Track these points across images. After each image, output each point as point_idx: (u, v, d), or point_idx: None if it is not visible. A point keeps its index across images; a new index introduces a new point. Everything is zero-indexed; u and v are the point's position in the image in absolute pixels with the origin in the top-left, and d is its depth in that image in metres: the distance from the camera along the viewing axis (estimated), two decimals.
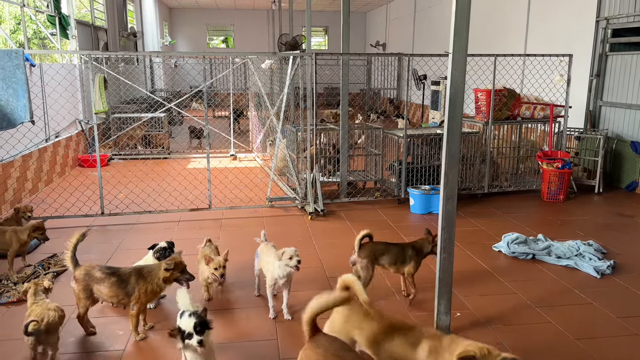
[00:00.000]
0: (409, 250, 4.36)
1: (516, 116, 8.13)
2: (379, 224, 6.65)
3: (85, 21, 12.40)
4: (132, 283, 3.74)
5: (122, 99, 12.64)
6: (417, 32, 17.75)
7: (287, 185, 8.22)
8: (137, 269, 3.84)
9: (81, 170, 9.69)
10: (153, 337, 3.95)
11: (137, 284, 3.73)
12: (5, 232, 5.02)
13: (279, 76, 10.07)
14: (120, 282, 3.75)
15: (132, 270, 3.83)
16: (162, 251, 4.34)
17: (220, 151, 11.37)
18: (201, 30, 25.00)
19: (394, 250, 4.36)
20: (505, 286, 4.81)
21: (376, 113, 17.10)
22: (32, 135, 7.52)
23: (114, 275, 3.77)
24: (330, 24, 25.11)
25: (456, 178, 3.72)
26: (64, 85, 8.34)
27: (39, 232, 5.03)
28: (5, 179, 7.03)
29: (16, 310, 4.33)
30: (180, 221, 6.67)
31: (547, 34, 10.19)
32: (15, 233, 5.00)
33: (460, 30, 3.50)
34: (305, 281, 4.80)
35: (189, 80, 17.82)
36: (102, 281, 3.76)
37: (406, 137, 7.41)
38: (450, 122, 3.62)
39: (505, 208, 7.32)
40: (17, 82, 5.96)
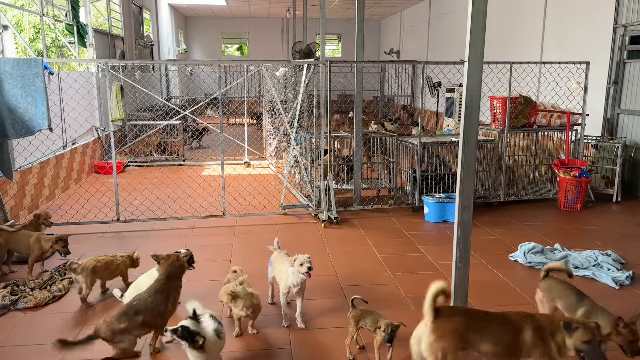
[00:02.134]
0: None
1: (532, 124, 8.06)
2: (393, 232, 6.61)
3: (103, 30, 12.58)
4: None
5: (138, 107, 12.77)
6: (431, 40, 17.72)
7: (300, 192, 8.22)
8: None
9: (97, 177, 9.80)
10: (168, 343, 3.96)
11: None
12: (31, 237, 5.09)
13: (293, 84, 10.11)
14: None
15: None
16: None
17: (234, 158, 11.42)
18: (216, 38, 25.23)
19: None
20: (521, 296, 4.75)
21: (390, 120, 17.05)
22: (50, 142, 7.63)
23: None
24: (344, 31, 25.18)
25: (472, 187, 3.69)
26: (81, 93, 8.47)
27: (62, 244, 5.07)
28: (23, 185, 7.14)
29: (33, 316, 4.37)
30: (195, 228, 6.70)
31: (564, 41, 10.10)
32: (39, 241, 5.06)
33: (476, 38, 3.48)
34: (318, 289, 4.78)
35: (204, 88, 17.96)
36: None
37: (420, 145, 7.38)
38: (466, 130, 3.59)
39: (522, 217, 7.23)
40: (36, 90, 6.06)
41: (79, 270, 4.45)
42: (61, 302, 4.63)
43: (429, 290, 3.00)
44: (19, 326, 4.20)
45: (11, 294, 4.60)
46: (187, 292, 4.82)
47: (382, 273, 5.28)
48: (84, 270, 4.45)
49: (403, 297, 4.74)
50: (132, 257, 4.86)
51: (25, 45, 9.24)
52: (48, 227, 5.78)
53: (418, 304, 4.56)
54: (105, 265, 4.62)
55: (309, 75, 7.39)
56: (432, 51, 17.59)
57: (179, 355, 3.74)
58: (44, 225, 5.73)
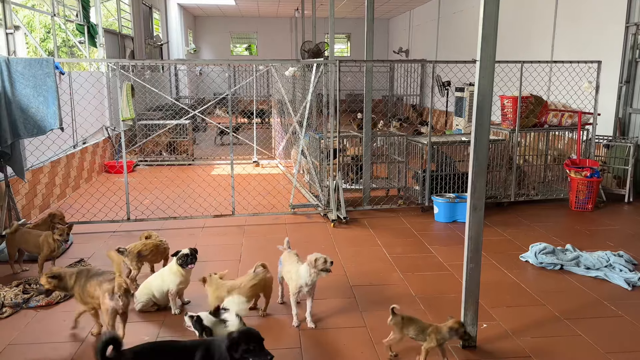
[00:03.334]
0: None
1: (543, 123, 8.00)
2: (403, 232, 6.59)
3: (113, 30, 12.66)
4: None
5: (148, 106, 12.83)
6: (440, 39, 17.64)
7: (309, 192, 8.22)
8: None
9: (108, 176, 9.86)
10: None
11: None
12: (40, 235, 5.13)
13: (302, 83, 10.11)
14: None
15: None
16: (184, 258, 4.37)
17: (243, 158, 11.44)
18: (225, 38, 25.28)
19: None
20: (532, 297, 4.71)
21: (399, 120, 17.00)
22: (61, 141, 7.68)
23: None
24: (352, 30, 25.15)
25: (484, 187, 3.67)
26: (92, 93, 8.51)
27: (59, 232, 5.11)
28: (34, 184, 7.19)
29: (45, 314, 4.40)
30: (205, 227, 6.72)
31: (575, 40, 10.02)
32: (47, 239, 5.10)
33: (488, 37, 3.46)
34: (328, 289, 4.78)
35: (213, 88, 18.02)
36: None
37: (430, 145, 7.35)
38: (478, 129, 3.57)
39: (532, 217, 7.18)
40: (48, 89, 6.10)
41: (126, 254, 4.76)
42: (72, 300, 4.65)
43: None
44: (30, 324, 4.23)
45: (23, 292, 4.64)
46: (196, 291, 4.85)
47: (391, 273, 5.26)
48: (130, 254, 4.79)
49: (413, 297, 4.72)
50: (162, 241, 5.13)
51: (37, 45, 9.32)
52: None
53: (428, 304, 4.56)
54: (152, 249, 4.93)
55: (318, 74, 7.38)
56: (441, 50, 17.52)
57: None
58: (59, 224, 5.79)
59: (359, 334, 4.05)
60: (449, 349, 3.77)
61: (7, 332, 4.08)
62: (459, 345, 3.86)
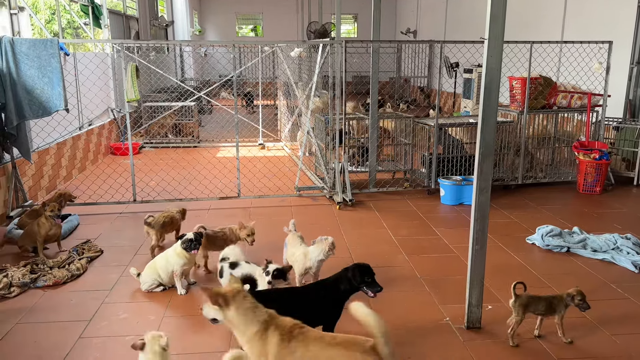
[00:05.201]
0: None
1: (552, 105, 7.90)
2: (409, 214, 6.57)
3: (117, 10, 12.56)
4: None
5: (153, 88, 12.79)
6: (449, 19, 17.39)
7: (315, 174, 8.20)
8: None
9: (113, 158, 9.87)
10: (185, 322, 4.00)
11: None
12: (32, 225, 5.14)
13: (308, 65, 10.01)
14: None
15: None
16: (188, 242, 4.38)
17: (249, 140, 11.41)
18: (230, 19, 25.06)
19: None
20: (538, 279, 4.70)
21: (406, 102, 16.87)
22: (67, 123, 7.68)
23: None
24: (359, 11, 24.81)
25: (490, 168, 3.63)
26: (96, 74, 8.48)
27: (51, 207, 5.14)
28: (41, 166, 7.22)
29: (52, 294, 4.44)
30: (210, 209, 6.73)
31: (586, 19, 9.83)
32: (39, 220, 5.11)
33: (496, 15, 3.39)
34: (333, 270, 4.76)
35: (218, 69, 17.91)
36: None
37: (437, 127, 7.28)
38: (486, 110, 3.52)
39: (540, 200, 7.13)
40: (53, 70, 6.08)
41: (152, 224, 5.12)
42: (79, 280, 4.70)
43: None
44: (38, 303, 4.27)
45: (31, 272, 4.67)
46: (203, 273, 4.87)
47: (397, 255, 5.26)
48: (156, 225, 5.13)
49: (418, 279, 4.72)
50: (182, 211, 5.51)
51: (41, 26, 9.25)
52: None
53: (433, 285, 4.56)
54: (170, 220, 5.29)
55: (324, 55, 7.30)
56: (449, 31, 17.27)
57: None
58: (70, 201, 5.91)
59: None
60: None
61: (16, 311, 4.12)
62: (463, 326, 3.87)
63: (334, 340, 2.63)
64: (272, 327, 2.64)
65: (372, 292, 3.37)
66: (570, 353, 3.57)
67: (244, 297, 2.71)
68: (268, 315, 2.68)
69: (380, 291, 3.38)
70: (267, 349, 2.59)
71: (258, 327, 2.63)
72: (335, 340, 2.63)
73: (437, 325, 3.94)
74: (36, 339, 3.76)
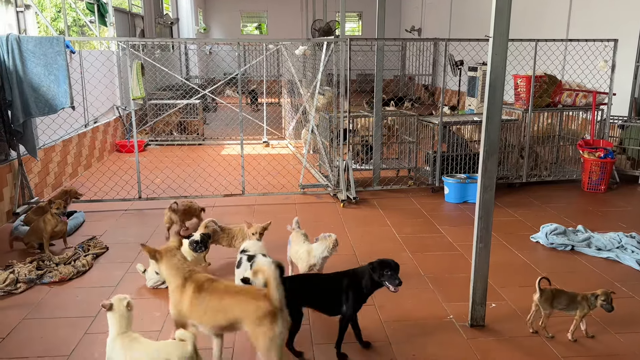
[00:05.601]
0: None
1: (557, 103, 7.88)
2: (413, 212, 6.57)
3: (123, 8, 12.60)
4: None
5: (158, 86, 12.82)
6: (454, 17, 17.34)
7: (319, 172, 8.21)
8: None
9: (119, 155, 9.92)
10: None
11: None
12: (38, 222, 5.18)
13: (312, 63, 10.01)
14: None
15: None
16: (195, 244, 4.40)
17: (253, 138, 11.44)
18: (235, 17, 25.07)
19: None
20: None
21: (410, 100, 16.83)
22: (72, 120, 7.71)
23: None
24: (364, 9, 24.79)
25: (495, 166, 3.63)
26: (102, 72, 8.50)
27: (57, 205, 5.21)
28: (47, 163, 7.26)
29: (58, 290, 4.48)
30: (215, 206, 6.76)
31: (591, 17, 9.79)
32: (45, 217, 5.17)
33: (501, 12, 3.39)
34: (337, 268, 4.77)
35: (223, 67, 17.94)
36: None
37: (441, 125, 7.28)
38: (490, 108, 3.52)
39: (544, 198, 7.12)
40: (59, 68, 6.11)
41: (177, 211, 5.57)
42: (85, 277, 4.74)
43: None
44: (45, 299, 4.31)
45: (37, 268, 4.71)
46: (211, 270, 4.89)
47: (401, 253, 5.27)
48: (178, 211, 5.58)
49: (422, 276, 4.73)
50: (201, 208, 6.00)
51: (47, 24, 9.30)
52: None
53: (437, 283, 4.57)
54: (189, 208, 5.74)
55: (329, 53, 7.30)
56: (454, 29, 17.23)
57: None
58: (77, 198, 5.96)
59: (368, 311, 4.07)
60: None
61: (22, 307, 4.16)
62: (467, 324, 3.88)
63: (234, 289, 3.14)
64: (190, 281, 3.12)
65: (392, 286, 3.35)
66: (574, 351, 3.58)
67: (174, 254, 3.23)
68: (188, 272, 3.17)
69: (400, 285, 3.36)
70: (184, 297, 3.09)
71: (180, 281, 3.13)
72: (235, 289, 3.14)
73: (441, 322, 3.95)
74: (42, 334, 3.80)
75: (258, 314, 2.88)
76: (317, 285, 3.56)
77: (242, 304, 2.97)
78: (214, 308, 3.03)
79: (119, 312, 3.00)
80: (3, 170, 6.17)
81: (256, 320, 2.88)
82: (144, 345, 2.94)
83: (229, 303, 3.02)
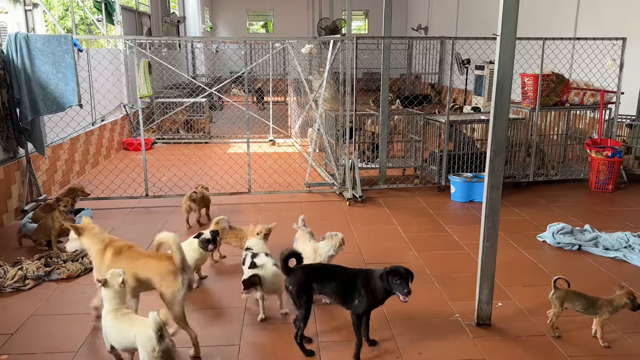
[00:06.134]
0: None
1: (564, 102, 7.84)
2: (419, 211, 6.57)
3: (130, 7, 12.64)
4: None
5: (165, 84, 12.86)
6: (460, 15, 17.28)
7: (325, 171, 8.21)
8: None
9: (126, 153, 9.96)
10: (197, 315, 4.04)
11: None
12: (46, 219, 5.22)
13: (318, 61, 10.01)
14: None
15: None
16: (205, 242, 4.42)
17: (259, 136, 11.45)
18: (241, 16, 25.09)
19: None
20: (549, 277, 4.65)
21: (417, 99, 16.77)
22: (80, 118, 7.76)
23: None
24: (370, 7, 24.73)
25: (502, 165, 3.62)
26: (109, 70, 8.53)
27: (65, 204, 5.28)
28: (54, 160, 7.30)
29: (66, 287, 4.51)
30: (221, 204, 6.77)
31: (599, 16, 9.73)
32: (53, 215, 5.21)
33: (509, 11, 3.38)
34: None
35: (229, 66, 17.96)
36: None
37: (448, 123, 7.26)
38: (497, 107, 3.51)
39: (551, 197, 7.09)
40: (66, 66, 6.15)
41: (196, 200, 5.92)
42: (92, 273, 4.75)
43: None
44: (53, 296, 4.34)
45: (45, 265, 4.75)
46: (216, 267, 4.92)
47: (406, 251, 5.27)
48: (196, 200, 5.93)
49: (428, 275, 4.72)
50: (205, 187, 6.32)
51: (55, 22, 9.36)
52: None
53: (443, 282, 4.56)
54: (204, 196, 6.10)
55: (335, 51, 7.30)
56: (461, 27, 17.17)
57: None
58: (82, 196, 5.98)
59: (374, 309, 4.08)
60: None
61: (30, 303, 4.19)
62: (473, 323, 3.87)
63: (146, 254, 3.64)
64: (109, 247, 3.62)
65: (401, 295, 3.27)
66: (580, 350, 3.57)
67: (92, 228, 3.70)
68: (109, 239, 3.67)
69: (408, 294, 3.27)
70: (104, 260, 3.58)
71: (100, 247, 3.62)
72: (147, 254, 3.64)
73: (447, 321, 3.94)
74: (50, 330, 3.83)
75: (164, 271, 3.43)
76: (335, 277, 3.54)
77: (152, 264, 3.51)
78: (130, 268, 3.48)
79: (112, 288, 3.20)
80: (11, 167, 6.22)
81: (163, 276, 3.43)
82: (133, 320, 3.16)
83: (142, 263, 3.53)
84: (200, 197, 6.02)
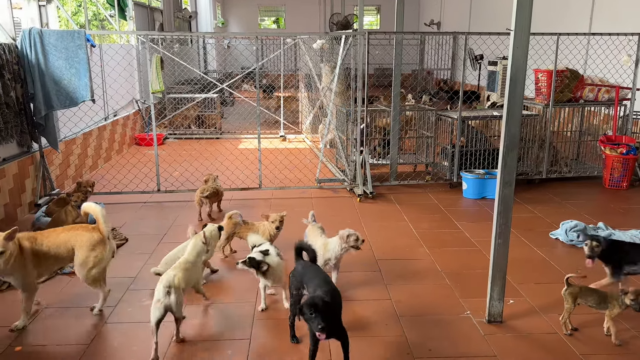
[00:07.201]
0: None
1: (578, 98, 7.74)
2: (430, 207, 6.53)
3: (142, 2, 12.70)
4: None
5: (177, 80, 12.92)
6: (473, 10, 17.14)
7: (336, 166, 8.20)
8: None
9: (138, 148, 10.02)
10: (206, 310, 4.06)
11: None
12: (60, 214, 5.28)
13: (329, 57, 9.98)
14: None
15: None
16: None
17: (270, 132, 11.46)
18: (253, 11, 25.10)
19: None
20: (561, 275, 4.60)
21: (429, 94, 16.69)
22: (93, 113, 7.82)
23: None
24: (382, 2, 24.61)
25: (515, 162, 3.59)
26: (122, 65, 8.57)
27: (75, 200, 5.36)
28: (67, 155, 7.37)
29: (78, 280, 4.53)
30: (232, 200, 6.80)
31: (615, 11, 9.58)
32: (65, 209, 5.28)
33: (523, 5, 3.33)
34: (353, 263, 4.79)
35: (240, 61, 17.98)
36: None
37: (460, 119, 7.21)
38: (511, 102, 3.47)
39: (564, 194, 7.02)
40: (80, 62, 6.19)
41: (209, 195, 5.99)
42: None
43: None
44: (66, 289, 4.39)
45: None
46: (227, 262, 4.94)
47: (417, 248, 5.25)
48: (210, 196, 6.01)
49: (439, 272, 4.70)
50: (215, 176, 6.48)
51: (68, 17, 9.43)
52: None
53: (454, 279, 4.54)
54: (216, 190, 6.17)
55: (347, 47, 7.27)
56: (474, 22, 17.04)
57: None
58: (90, 192, 5.97)
59: (385, 306, 4.08)
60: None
61: (44, 296, 4.23)
62: (484, 320, 3.85)
63: (70, 227, 4.02)
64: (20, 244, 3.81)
65: (315, 331, 2.88)
66: (593, 349, 3.53)
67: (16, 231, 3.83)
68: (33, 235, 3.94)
69: (322, 331, 2.85)
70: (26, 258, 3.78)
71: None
72: (72, 227, 4.01)
73: (458, 318, 3.92)
74: (63, 323, 3.86)
75: (92, 241, 3.82)
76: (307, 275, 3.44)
77: (78, 236, 3.86)
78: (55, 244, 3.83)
79: (193, 245, 3.91)
80: (25, 162, 6.28)
81: (90, 246, 3.81)
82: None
83: (66, 236, 3.87)
84: (214, 191, 6.09)
